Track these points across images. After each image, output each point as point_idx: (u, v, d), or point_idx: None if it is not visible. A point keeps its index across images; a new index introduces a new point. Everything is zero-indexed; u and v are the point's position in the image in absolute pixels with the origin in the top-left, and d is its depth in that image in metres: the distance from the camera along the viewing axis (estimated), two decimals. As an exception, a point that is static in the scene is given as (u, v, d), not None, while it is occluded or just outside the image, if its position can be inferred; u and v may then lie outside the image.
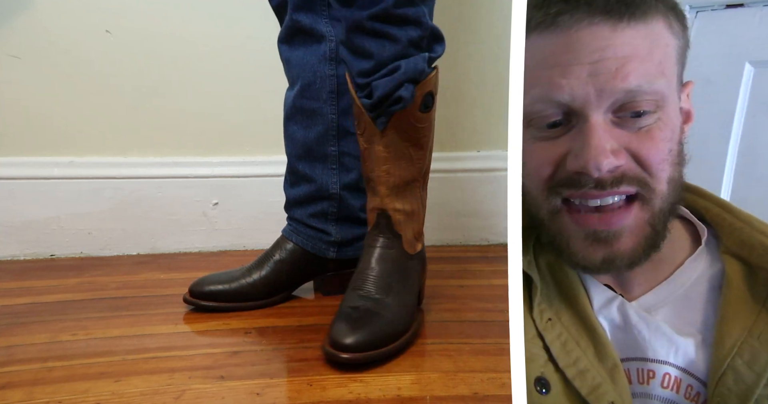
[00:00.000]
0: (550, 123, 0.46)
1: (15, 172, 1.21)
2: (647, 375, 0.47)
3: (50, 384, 0.72)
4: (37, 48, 1.18)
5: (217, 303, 0.93)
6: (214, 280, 0.95)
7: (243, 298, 0.94)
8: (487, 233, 1.32)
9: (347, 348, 0.74)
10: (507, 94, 0.49)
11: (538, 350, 0.47)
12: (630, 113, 0.44)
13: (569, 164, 0.45)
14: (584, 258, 0.47)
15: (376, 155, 0.85)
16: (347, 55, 0.84)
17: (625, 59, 0.43)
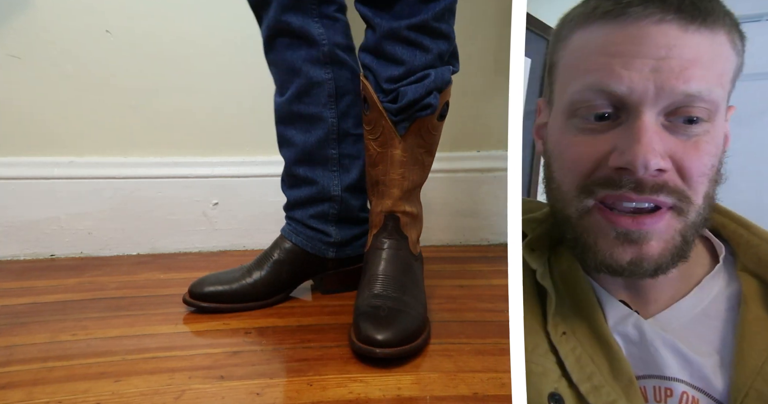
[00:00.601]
0: (598, 115, 0.44)
1: (15, 172, 1.21)
2: (665, 393, 0.46)
3: (50, 384, 0.72)
4: (37, 48, 1.18)
5: (217, 305, 0.93)
6: (213, 281, 0.94)
7: (243, 299, 0.94)
8: (487, 233, 1.32)
9: (382, 344, 0.75)
10: (507, 94, 0.49)
11: (551, 364, 0.46)
12: (683, 118, 0.43)
13: (613, 161, 0.43)
14: (611, 257, 0.45)
15: (393, 159, 0.88)
16: (373, 61, 0.86)
17: (689, 62, 0.42)
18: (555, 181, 0.47)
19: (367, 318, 0.79)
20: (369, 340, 0.76)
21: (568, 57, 0.46)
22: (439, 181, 1.29)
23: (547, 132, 0.49)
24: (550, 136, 0.49)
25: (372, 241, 0.91)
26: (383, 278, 0.87)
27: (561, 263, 0.50)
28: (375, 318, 0.79)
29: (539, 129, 0.52)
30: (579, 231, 0.46)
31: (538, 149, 0.51)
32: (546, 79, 0.50)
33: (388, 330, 0.77)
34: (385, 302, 0.82)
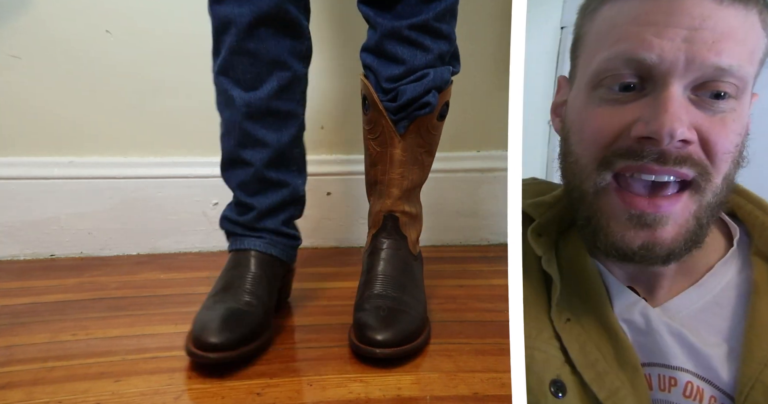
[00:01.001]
0: (623, 85, 0.43)
1: (15, 172, 1.21)
2: (669, 382, 0.45)
3: (50, 384, 0.72)
4: (37, 48, 1.18)
5: (234, 352, 0.75)
6: (216, 326, 0.75)
7: (259, 336, 0.80)
8: (487, 233, 1.32)
9: (382, 344, 0.76)
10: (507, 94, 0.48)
11: (554, 351, 0.46)
12: (710, 93, 0.42)
13: (637, 130, 0.42)
14: (622, 241, 0.43)
15: (393, 159, 0.88)
16: (374, 60, 0.86)
17: (722, 35, 0.41)
18: (573, 154, 0.46)
19: (367, 318, 0.79)
20: (369, 340, 0.76)
21: (597, 27, 0.45)
22: (439, 181, 1.29)
23: (567, 108, 0.48)
24: (570, 110, 0.48)
25: (371, 241, 0.91)
26: (383, 278, 0.86)
27: (569, 249, 0.49)
28: (375, 318, 0.79)
29: (557, 108, 0.50)
30: (593, 210, 0.45)
31: (555, 127, 0.50)
32: (571, 52, 0.49)
33: (387, 330, 0.77)
34: (385, 302, 0.82)
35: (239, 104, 0.83)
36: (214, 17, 0.81)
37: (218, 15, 0.80)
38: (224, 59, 0.82)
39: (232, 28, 0.79)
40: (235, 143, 0.86)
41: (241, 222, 0.89)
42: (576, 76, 0.48)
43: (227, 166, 0.89)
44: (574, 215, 0.48)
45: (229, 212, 0.91)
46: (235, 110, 0.83)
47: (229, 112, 0.85)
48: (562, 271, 0.49)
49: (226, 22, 0.79)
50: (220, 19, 0.80)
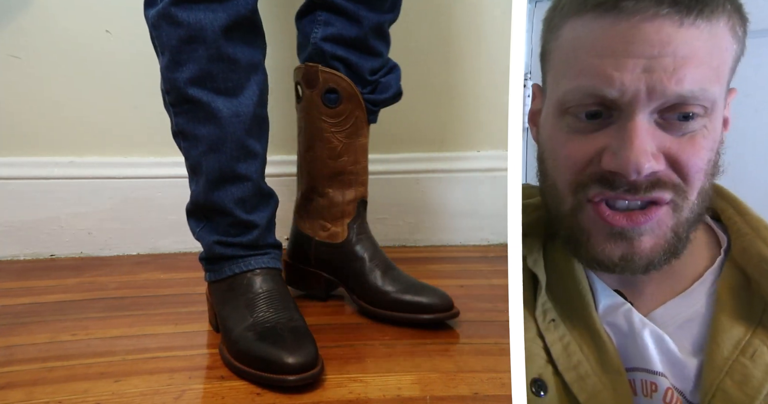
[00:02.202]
0: (590, 113, 0.43)
1: (15, 172, 1.21)
2: (650, 387, 0.45)
3: (50, 384, 0.72)
4: (38, 48, 1.18)
5: (317, 367, 0.73)
6: (294, 347, 0.73)
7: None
8: (487, 233, 1.32)
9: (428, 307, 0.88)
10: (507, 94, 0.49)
11: (538, 350, 0.46)
12: (678, 115, 0.42)
13: (605, 163, 0.42)
14: (602, 253, 0.44)
15: (362, 148, 0.92)
16: (353, 53, 0.87)
17: (684, 60, 0.40)
18: (550, 178, 0.46)
19: (426, 294, 0.89)
20: (420, 306, 0.87)
21: (560, 51, 0.45)
22: (439, 181, 1.29)
23: (540, 125, 0.49)
24: (542, 128, 0.48)
25: (349, 229, 0.93)
26: (386, 259, 0.94)
27: (556, 251, 0.49)
28: (415, 289, 0.89)
29: (533, 115, 0.50)
30: (573, 228, 0.45)
31: (533, 135, 0.50)
32: (540, 63, 0.49)
33: (428, 295, 0.89)
34: (405, 276, 0.93)
35: (227, 114, 0.77)
36: (179, 25, 0.73)
37: (186, 22, 0.73)
38: (199, 69, 0.75)
39: (206, 35, 0.73)
40: (229, 157, 0.79)
41: (243, 243, 0.83)
42: (546, 91, 0.48)
43: (217, 185, 0.80)
44: (555, 231, 0.49)
45: (216, 235, 0.83)
46: (221, 122, 0.77)
47: (213, 126, 0.78)
48: (549, 272, 0.49)
49: (199, 29, 0.73)
50: (190, 26, 0.73)
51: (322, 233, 0.95)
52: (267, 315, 0.78)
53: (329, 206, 0.94)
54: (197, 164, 0.80)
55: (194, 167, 0.82)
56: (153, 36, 0.78)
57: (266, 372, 0.71)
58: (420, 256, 1.23)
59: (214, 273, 0.85)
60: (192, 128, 0.79)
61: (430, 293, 0.89)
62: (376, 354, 0.80)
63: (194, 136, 0.79)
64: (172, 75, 0.76)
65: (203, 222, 0.84)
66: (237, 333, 0.76)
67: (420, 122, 1.29)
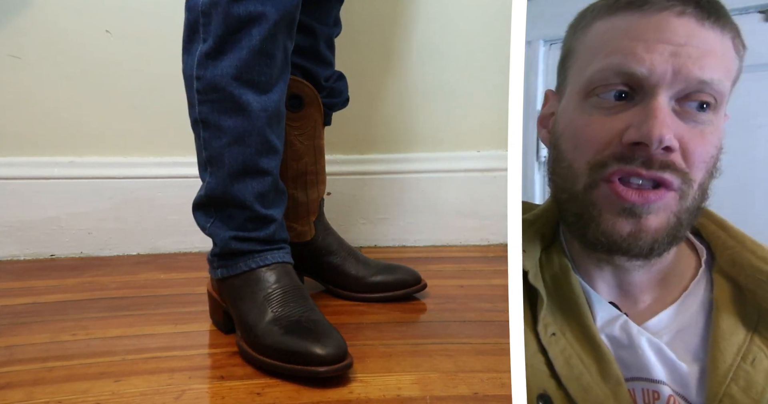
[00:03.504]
0: (615, 93, 0.46)
1: (15, 172, 1.21)
2: (652, 396, 0.47)
3: (50, 384, 0.72)
4: (37, 48, 1.18)
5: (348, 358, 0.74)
6: (323, 338, 0.74)
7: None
8: (487, 233, 1.32)
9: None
10: (507, 94, 0.49)
11: (540, 365, 0.47)
12: (694, 103, 0.46)
13: (628, 136, 0.46)
14: (613, 229, 0.47)
15: (320, 149, 0.98)
16: (309, 62, 0.94)
17: (705, 52, 0.45)
18: (566, 160, 0.49)
19: (406, 274, 1.00)
20: (409, 281, 0.99)
21: (589, 41, 0.49)
22: (439, 181, 1.29)
23: (558, 118, 0.51)
24: (561, 120, 0.51)
25: (316, 227, 0.99)
26: (350, 247, 1.02)
27: (553, 265, 0.51)
28: (389, 271, 1.00)
29: (543, 119, 0.53)
30: (585, 205, 0.48)
31: (543, 138, 0.53)
32: (559, 66, 0.52)
33: (398, 273, 1.01)
34: (372, 260, 1.03)
35: (256, 108, 0.78)
36: (230, 16, 0.75)
37: (238, 14, 0.74)
38: (241, 61, 0.76)
39: (255, 28, 0.75)
40: (253, 151, 0.79)
41: (260, 238, 0.83)
42: (566, 88, 0.51)
43: (237, 178, 0.80)
44: (562, 216, 0.51)
45: (231, 230, 0.82)
46: (249, 115, 0.78)
47: (240, 119, 0.78)
48: (547, 286, 0.51)
49: (248, 21, 0.74)
50: (239, 18, 0.74)
51: (289, 233, 0.95)
52: (289, 309, 0.78)
53: (294, 206, 0.96)
54: (218, 155, 0.80)
55: (213, 158, 0.80)
56: (198, 22, 0.77)
57: (297, 365, 0.72)
58: (420, 256, 1.23)
59: (226, 269, 0.83)
60: (217, 118, 0.79)
61: (399, 270, 1.01)
62: (376, 354, 0.80)
63: (218, 126, 0.79)
64: (211, 62, 0.77)
65: (213, 216, 0.83)
66: (262, 327, 0.76)
67: (420, 122, 1.29)
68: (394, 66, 1.26)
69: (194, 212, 0.86)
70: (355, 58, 1.20)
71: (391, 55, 1.25)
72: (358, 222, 1.30)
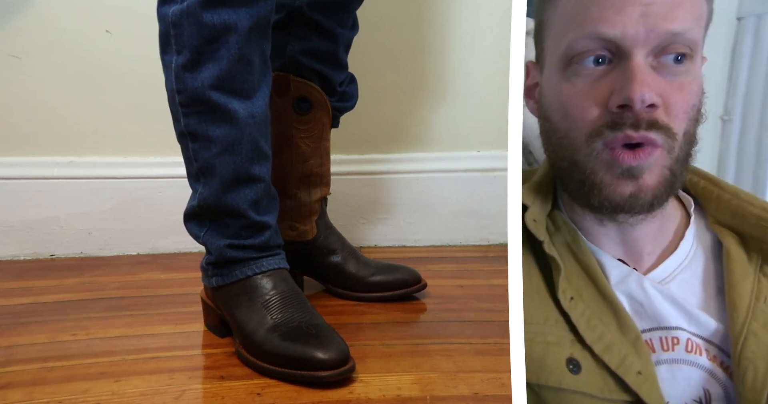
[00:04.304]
0: (594, 59, 0.48)
1: (15, 172, 1.21)
2: (672, 341, 0.50)
3: (50, 384, 0.72)
4: (37, 48, 1.18)
5: (351, 361, 0.75)
6: (325, 344, 0.74)
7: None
8: (487, 233, 1.32)
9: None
10: (507, 94, 0.50)
11: (563, 332, 0.49)
12: (670, 56, 0.48)
13: (613, 100, 0.47)
14: (614, 192, 0.49)
15: (326, 151, 0.98)
16: (325, 66, 0.93)
17: (674, 5, 0.47)
18: (560, 131, 0.51)
19: (406, 274, 1.01)
20: (409, 280, 1.00)
21: (561, 13, 0.50)
22: (439, 181, 1.29)
23: (542, 89, 0.53)
24: (546, 91, 0.53)
25: (318, 226, 1.00)
26: (351, 246, 1.03)
27: (561, 231, 0.53)
28: (390, 271, 1.01)
29: (529, 91, 0.55)
30: (587, 172, 0.50)
31: (531, 109, 0.55)
32: (535, 38, 0.54)
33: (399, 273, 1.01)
34: (372, 260, 1.03)
35: (243, 116, 0.77)
36: (203, 25, 0.73)
37: (212, 22, 0.72)
38: (220, 70, 0.74)
39: (231, 36, 0.73)
40: (244, 159, 0.78)
41: (255, 245, 0.82)
42: (545, 59, 0.53)
43: (230, 187, 0.79)
44: (563, 183, 0.53)
45: (226, 239, 0.82)
46: (236, 123, 0.77)
47: (229, 127, 0.77)
48: (560, 253, 0.52)
49: (223, 30, 0.73)
50: (215, 27, 0.73)
51: (291, 232, 0.98)
52: (288, 315, 0.78)
53: (297, 207, 0.97)
54: (209, 165, 0.79)
55: (204, 169, 0.79)
56: (170, 34, 0.75)
57: (299, 370, 0.72)
58: (420, 256, 1.23)
59: (221, 277, 0.83)
60: (204, 129, 0.78)
61: (399, 270, 1.01)
62: (376, 354, 0.80)
63: (207, 137, 0.78)
64: (189, 75, 0.75)
65: (207, 226, 0.83)
66: (261, 335, 0.76)
67: (420, 122, 1.29)
68: (394, 66, 1.26)
69: (186, 222, 0.85)
70: (355, 58, 1.20)
71: (392, 56, 1.25)
72: (358, 222, 1.30)
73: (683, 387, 0.49)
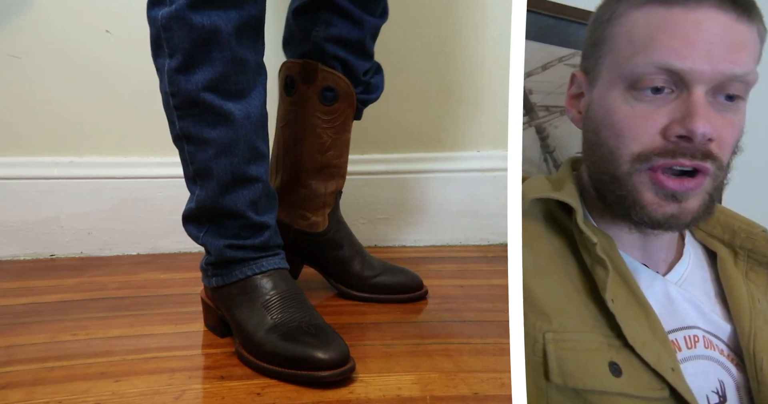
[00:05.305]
0: (655, 88, 0.50)
1: (15, 172, 1.21)
2: (693, 339, 0.53)
3: (50, 384, 0.72)
4: (37, 48, 1.18)
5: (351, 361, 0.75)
6: (325, 344, 0.74)
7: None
8: (487, 233, 1.32)
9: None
10: (507, 94, 0.50)
11: (601, 337, 0.50)
12: (725, 95, 0.49)
13: (673, 130, 0.49)
14: (656, 212, 0.51)
15: (346, 143, 0.97)
16: (350, 55, 0.90)
17: (739, 47, 0.49)
18: (606, 145, 0.52)
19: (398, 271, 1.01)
20: (398, 287, 0.99)
21: (626, 33, 0.51)
22: (439, 181, 1.29)
23: (592, 103, 0.54)
24: (597, 106, 0.54)
25: (329, 219, 0.99)
26: (359, 244, 1.02)
27: (597, 236, 0.54)
28: (393, 273, 1.01)
29: (572, 99, 0.57)
30: (629, 189, 0.51)
31: (572, 117, 0.57)
32: (588, 52, 0.55)
33: (401, 276, 1.01)
34: (377, 260, 1.03)
35: (240, 117, 0.76)
36: (193, 28, 0.72)
37: (201, 24, 0.71)
38: (213, 72, 0.74)
39: (222, 38, 0.72)
40: (241, 159, 0.78)
41: (255, 245, 0.82)
42: (599, 74, 0.54)
43: (228, 188, 0.79)
44: (600, 195, 0.55)
45: (225, 239, 0.82)
46: (233, 125, 0.76)
47: (225, 129, 0.77)
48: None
49: (214, 31, 0.72)
50: (205, 29, 0.72)
51: (302, 222, 0.98)
52: (288, 315, 0.78)
53: (311, 197, 0.97)
54: (206, 168, 0.78)
55: (201, 171, 0.79)
56: (161, 37, 0.74)
57: (299, 370, 0.72)
58: (420, 256, 1.23)
59: (221, 277, 0.83)
60: (199, 132, 0.77)
61: (404, 274, 1.01)
62: (376, 354, 0.80)
63: (202, 139, 0.77)
64: (183, 78, 0.75)
65: (206, 227, 0.83)
66: (261, 335, 0.76)
67: (420, 122, 1.29)
68: (395, 67, 1.26)
69: (185, 224, 0.85)
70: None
71: (392, 56, 1.25)
72: (358, 222, 1.30)
73: (704, 380, 0.52)
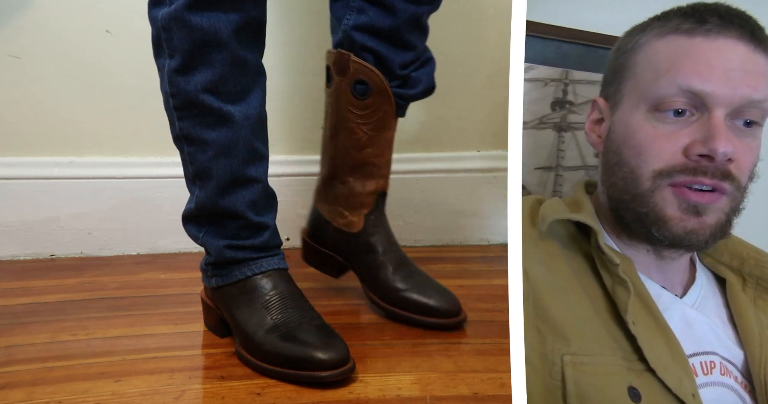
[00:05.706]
0: (677, 110, 0.52)
1: (15, 172, 1.21)
2: (710, 365, 0.54)
3: (50, 384, 0.72)
4: (37, 48, 1.18)
5: (351, 362, 0.76)
6: (326, 344, 0.75)
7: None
8: (487, 233, 1.32)
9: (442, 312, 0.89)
10: (507, 94, 0.50)
11: (620, 361, 0.50)
12: (743, 120, 0.52)
13: (694, 149, 0.51)
14: (676, 226, 0.52)
15: (388, 141, 0.91)
16: (383, 45, 0.84)
17: (757, 74, 0.52)
18: (628, 165, 0.54)
19: (430, 289, 0.91)
20: (427, 308, 0.88)
21: (648, 59, 0.54)
22: (439, 181, 1.29)
23: (614, 126, 0.57)
24: (619, 128, 0.56)
25: (366, 220, 0.94)
26: (401, 254, 0.94)
27: (621, 259, 0.55)
28: (433, 286, 0.92)
29: (593, 124, 0.59)
30: (650, 206, 0.53)
31: (593, 142, 0.59)
32: (610, 79, 0.58)
33: (436, 297, 0.90)
34: (418, 273, 0.94)
35: (239, 118, 0.77)
36: (193, 29, 0.72)
37: (201, 26, 0.71)
38: (213, 73, 0.74)
39: (222, 39, 0.72)
40: (240, 161, 0.78)
41: (255, 246, 0.82)
42: (621, 99, 0.56)
43: (227, 189, 0.79)
44: (618, 215, 0.56)
45: (225, 239, 0.82)
46: (232, 126, 0.77)
47: (224, 130, 0.77)
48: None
49: (214, 33, 0.72)
50: (204, 30, 0.72)
51: (340, 219, 0.95)
52: (288, 315, 0.78)
53: (349, 195, 0.94)
54: (206, 168, 0.78)
55: (201, 172, 0.79)
56: (161, 38, 0.74)
57: (299, 370, 0.72)
58: (420, 256, 1.23)
59: (221, 278, 0.83)
60: (199, 133, 0.77)
61: (439, 295, 0.90)
62: (376, 354, 0.80)
63: (202, 140, 0.77)
64: (182, 79, 0.75)
65: (205, 227, 0.83)
66: (260, 335, 0.76)
67: (420, 122, 1.29)
68: (394, 66, 1.26)
69: (185, 224, 0.85)
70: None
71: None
72: (358, 222, 1.30)
73: None
